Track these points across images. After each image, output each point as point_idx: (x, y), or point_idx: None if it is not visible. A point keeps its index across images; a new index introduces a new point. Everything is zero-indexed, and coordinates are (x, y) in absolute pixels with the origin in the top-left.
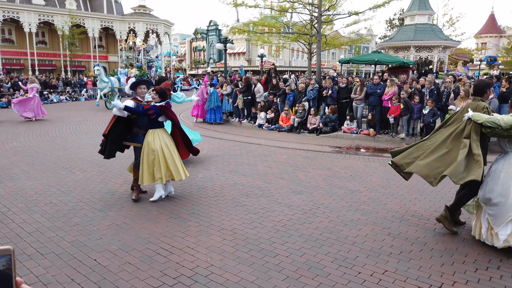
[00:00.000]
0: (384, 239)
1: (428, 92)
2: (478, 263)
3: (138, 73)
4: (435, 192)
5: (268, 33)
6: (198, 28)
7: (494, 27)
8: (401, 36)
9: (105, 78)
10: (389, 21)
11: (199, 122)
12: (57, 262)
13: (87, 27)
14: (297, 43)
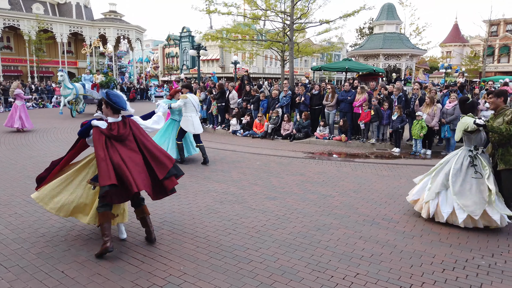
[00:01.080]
0: (356, 243)
1: (396, 99)
2: (445, 264)
3: (105, 79)
4: (404, 195)
5: (242, 40)
6: (171, 34)
7: (458, 36)
8: (370, 45)
9: (69, 84)
10: (359, 29)
11: None
12: (22, 275)
13: (55, 32)
14: (270, 50)
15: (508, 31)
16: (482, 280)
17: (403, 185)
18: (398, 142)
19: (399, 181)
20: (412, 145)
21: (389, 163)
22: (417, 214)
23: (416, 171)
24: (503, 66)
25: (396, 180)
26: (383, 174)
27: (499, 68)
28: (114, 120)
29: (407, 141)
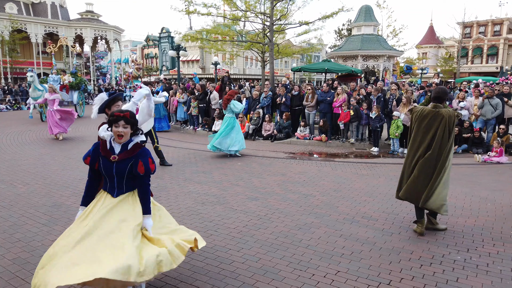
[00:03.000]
0: (337, 241)
1: (375, 99)
2: (423, 260)
3: (74, 80)
4: (383, 194)
5: (222, 41)
6: (150, 35)
7: (433, 38)
8: (349, 46)
9: (40, 86)
10: (338, 31)
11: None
12: None
13: (29, 32)
14: (250, 51)
15: (480, 33)
16: (458, 275)
17: (382, 184)
18: (377, 142)
19: (378, 180)
20: (390, 145)
21: (368, 162)
22: (395, 212)
23: (394, 170)
24: (476, 67)
25: (375, 178)
26: (363, 173)
27: (472, 69)
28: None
29: (385, 141)
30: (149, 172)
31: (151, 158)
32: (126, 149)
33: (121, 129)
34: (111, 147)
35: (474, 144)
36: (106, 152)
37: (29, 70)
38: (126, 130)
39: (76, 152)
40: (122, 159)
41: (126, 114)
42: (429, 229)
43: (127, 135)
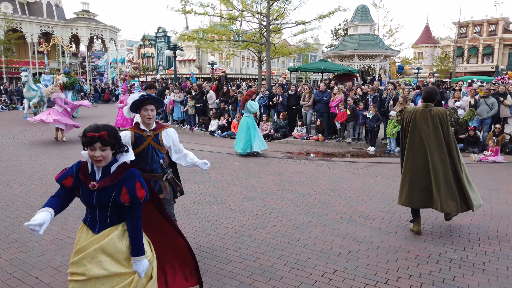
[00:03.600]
0: (334, 240)
1: (372, 99)
2: (420, 259)
3: (68, 80)
4: (380, 193)
5: (218, 41)
6: (146, 34)
7: (429, 37)
8: (345, 46)
9: (34, 86)
10: (334, 31)
11: None
12: None
13: (24, 31)
14: (247, 51)
15: (476, 32)
16: (454, 274)
17: (379, 183)
18: (374, 141)
19: (374, 179)
20: (387, 144)
21: (365, 162)
22: (392, 211)
23: (391, 169)
24: (472, 67)
25: (372, 178)
26: (359, 172)
27: (468, 69)
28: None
29: (382, 140)
30: (136, 201)
31: (139, 181)
32: (108, 173)
33: (97, 153)
34: (92, 171)
35: (470, 143)
36: (85, 177)
37: (23, 70)
38: (104, 153)
39: (72, 153)
40: (104, 186)
41: (103, 134)
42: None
43: (107, 158)
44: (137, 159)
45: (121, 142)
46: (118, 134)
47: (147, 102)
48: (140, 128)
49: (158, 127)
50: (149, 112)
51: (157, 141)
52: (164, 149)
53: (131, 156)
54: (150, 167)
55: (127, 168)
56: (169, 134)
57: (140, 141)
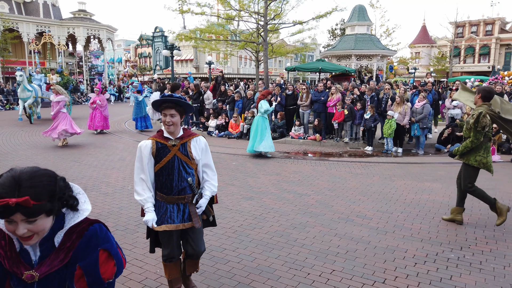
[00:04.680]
0: (331, 240)
1: (369, 99)
2: (417, 258)
3: (61, 80)
4: (377, 193)
5: (216, 41)
6: (143, 34)
7: (426, 37)
8: (343, 45)
9: (29, 86)
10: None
11: (130, 131)
12: None
13: (21, 31)
14: (244, 50)
15: (473, 32)
16: (451, 273)
17: (376, 183)
18: (371, 141)
19: (372, 179)
20: (384, 144)
21: (362, 162)
22: (389, 210)
23: (388, 169)
24: (468, 66)
25: (369, 178)
26: (357, 172)
27: (465, 68)
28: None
29: (379, 140)
30: (102, 285)
31: (106, 248)
32: (51, 247)
33: (21, 231)
34: (24, 249)
35: None
36: (12, 263)
37: (18, 69)
38: (34, 227)
39: (69, 153)
40: (48, 273)
41: (24, 200)
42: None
43: (40, 233)
44: (160, 177)
45: (64, 194)
46: (56, 184)
47: (165, 105)
48: (164, 137)
49: (186, 135)
50: (168, 117)
51: (185, 152)
52: (194, 163)
53: (85, 209)
54: (177, 187)
55: (84, 229)
56: (199, 144)
57: (163, 152)
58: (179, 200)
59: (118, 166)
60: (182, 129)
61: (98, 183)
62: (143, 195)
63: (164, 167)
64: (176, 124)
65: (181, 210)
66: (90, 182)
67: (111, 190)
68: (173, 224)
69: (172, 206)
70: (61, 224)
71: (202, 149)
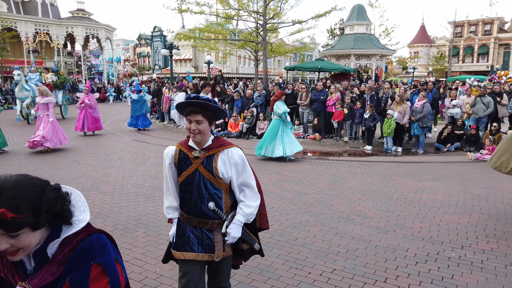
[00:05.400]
0: (332, 239)
1: (368, 98)
2: (418, 257)
3: (57, 79)
4: (377, 192)
5: (215, 40)
6: (142, 33)
7: (425, 37)
8: (342, 45)
9: (27, 86)
10: (331, 30)
11: (129, 130)
12: None
13: (19, 30)
14: (243, 50)
15: (471, 32)
16: (453, 272)
17: (376, 182)
18: (370, 140)
19: (372, 178)
20: (384, 143)
21: (362, 161)
22: (390, 209)
23: (388, 168)
24: (467, 66)
25: (369, 177)
26: (357, 171)
27: (463, 68)
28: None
29: (379, 139)
30: None
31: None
32: (45, 261)
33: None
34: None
35: (470, 142)
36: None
37: (16, 68)
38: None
39: (68, 152)
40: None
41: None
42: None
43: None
44: (181, 192)
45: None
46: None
47: (190, 110)
48: (188, 145)
49: (216, 145)
50: (193, 124)
51: (209, 167)
52: (221, 183)
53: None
54: (195, 208)
55: (80, 241)
56: (231, 158)
57: (184, 164)
58: (201, 224)
59: (117, 165)
60: (213, 137)
61: (97, 183)
62: (166, 204)
63: (184, 182)
64: (203, 132)
65: (204, 236)
66: (89, 181)
67: (110, 190)
68: (191, 253)
69: (195, 229)
70: (57, 234)
71: (236, 164)
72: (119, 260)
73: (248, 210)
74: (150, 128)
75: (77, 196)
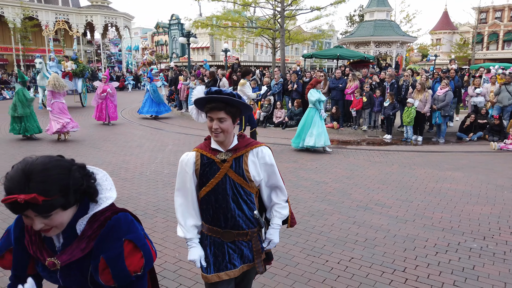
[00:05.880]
0: (350, 228)
1: (389, 86)
2: (438, 247)
3: (76, 67)
4: (397, 181)
5: (232, 28)
6: (159, 22)
7: (448, 23)
8: (361, 32)
9: (48, 74)
10: (350, 17)
11: (147, 118)
12: None
13: (40, 19)
14: (261, 38)
15: (497, 18)
16: (474, 263)
17: (395, 171)
18: (390, 129)
19: (391, 167)
20: (404, 132)
21: (381, 150)
22: (409, 199)
23: (408, 158)
24: (491, 53)
25: (388, 166)
26: (375, 160)
27: (488, 55)
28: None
29: (399, 128)
30: (127, 278)
31: (131, 239)
32: (74, 237)
33: (38, 225)
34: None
35: (494, 132)
36: (36, 248)
37: (38, 57)
38: (49, 221)
39: (88, 140)
40: (70, 261)
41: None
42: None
43: (59, 225)
44: (208, 205)
45: (82, 185)
46: (69, 177)
47: (211, 106)
48: (211, 148)
49: (242, 145)
50: (215, 123)
51: (239, 171)
52: (252, 186)
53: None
54: (233, 219)
55: (107, 218)
56: (261, 157)
57: (210, 171)
58: (239, 236)
59: (136, 152)
60: (237, 135)
61: (117, 169)
62: (190, 223)
63: (213, 192)
64: (227, 131)
65: (244, 248)
66: (110, 167)
67: (130, 176)
68: (235, 269)
69: (232, 243)
70: (85, 211)
71: (266, 165)
72: (146, 235)
73: (285, 212)
74: (168, 115)
75: (103, 175)
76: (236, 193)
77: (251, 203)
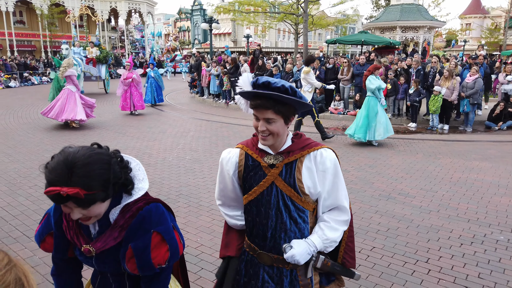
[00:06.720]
0: (372, 217)
1: (414, 72)
2: (463, 239)
3: (100, 54)
4: (421, 171)
5: (254, 13)
6: (182, 8)
7: (478, 7)
8: (387, 17)
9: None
10: (375, 1)
11: (170, 104)
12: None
13: (66, 6)
14: (283, 23)
15: None
16: (500, 255)
17: (420, 160)
18: (415, 117)
19: (415, 156)
20: (429, 120)
21: (405, 138)
22: (434, 189)
23: (433, 147)
24: None
25: (413, 155)
26: (399, 149)
27: None
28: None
29: (424, 116)
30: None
31: (160, 231)
32: (108, 225)
33: (76, 215)
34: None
35: None
36: (74, 234)
37: (64, 43)
38: (88, 212)
39: (113, 125)
40: (104, 249)
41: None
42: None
43: (97, 215)
44: (249, 216)
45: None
46: (110, 172)
47: (256, 103)
48: (259, 149)
49: (297, 147)
50: (261, 124)
51: (290, 180)
52: (307, 202)
53: (141, 189)
54: (273, 239)
55: (139, 208)
56: (321, 163)
57: (254, 176)
58: (279, 262)
59: (159, 138)
60: (292, 135)
61: (141, 154)
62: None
63: (254, 202)
64: (277, 134)
65: (284, 278)
66: (133, 152)
67: (153, 161)
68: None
69: (270, 268)
70: (118, 200)
71: (326, 173)
72: (176, 227)
73: (331, 235)
74: (190, 102)
75: (136, 165)
76: (283, 207)
77: (303, 222)
